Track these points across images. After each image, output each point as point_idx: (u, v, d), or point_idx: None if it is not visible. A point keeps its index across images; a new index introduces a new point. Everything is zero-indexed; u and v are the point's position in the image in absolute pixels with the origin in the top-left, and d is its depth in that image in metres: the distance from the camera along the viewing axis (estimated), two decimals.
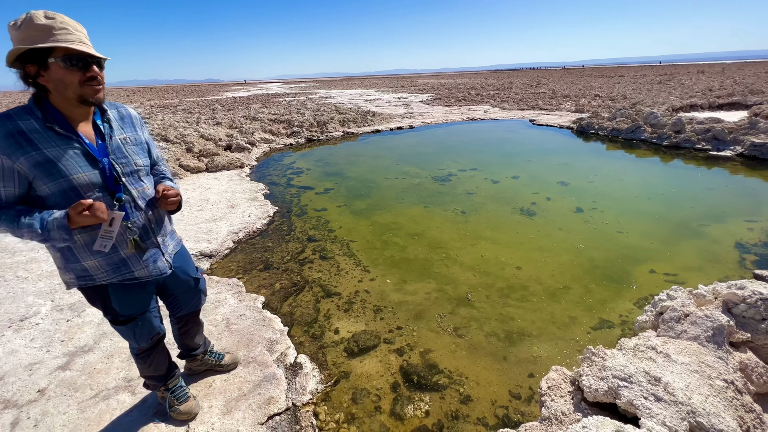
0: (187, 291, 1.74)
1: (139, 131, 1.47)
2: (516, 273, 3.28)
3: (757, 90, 14.88)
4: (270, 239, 4.12)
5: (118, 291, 1.43)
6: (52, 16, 1.11)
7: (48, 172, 1.17)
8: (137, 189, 1.38)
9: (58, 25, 1.11)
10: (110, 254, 1.33)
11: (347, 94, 30.14)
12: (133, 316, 1.50)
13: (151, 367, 1.71)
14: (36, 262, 3.54)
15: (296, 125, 11.15)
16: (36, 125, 1.16)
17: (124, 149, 1.36)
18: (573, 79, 34.65)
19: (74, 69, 1.14)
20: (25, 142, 1.14)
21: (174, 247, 1.62)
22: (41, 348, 2.40)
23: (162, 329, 1.67)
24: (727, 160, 6.75)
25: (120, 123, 1.39)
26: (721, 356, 1.48)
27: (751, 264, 3.27)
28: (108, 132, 1.33)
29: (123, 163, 1.34)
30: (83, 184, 1.22)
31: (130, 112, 1.46)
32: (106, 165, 1.28)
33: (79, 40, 1.15)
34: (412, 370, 2.25)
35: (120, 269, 1.38)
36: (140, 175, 1.40)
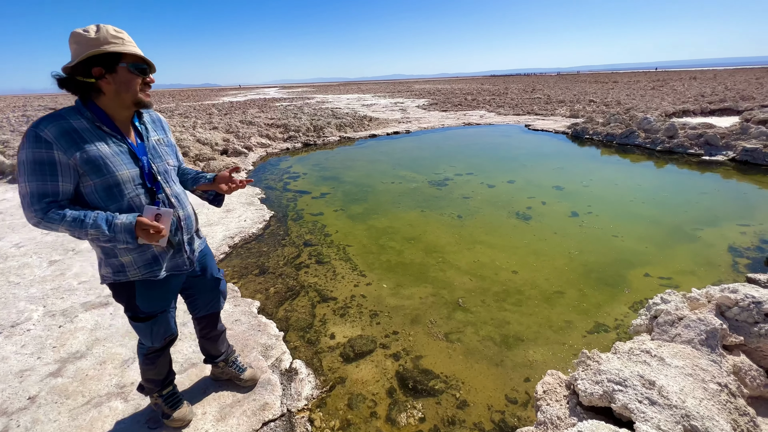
0: (207, 291, 1.77)
1: (168, 134, 1.57)
2: (512, 277, 3.29)
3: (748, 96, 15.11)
4: (266, 244, 4.10)
5: (144, 287, 1.47)
6: (119, 31, 1.24)
7: (96, 167, 1.24)
8: (170, 187, 1.46)
9: (127, 38, 1.25)
10: (144, 251, 1.39)
11: (344, 98, 30.24)
12: (154, 313, 1.54)
13: (155, 369, 1.73)
14: (28, 267, 3.51)
15: (293, 130, 11.16)
16: (86, 124, 1.24)
17: (158, 149, 1.46)
18: (568, 85, 35.00)
19: (137, 74, 1.27)
20: (79, 139, 1.21)
21: (199, 245, 1.68)
22: (32, 354, 2.36)
23: (176, 332, 1.70)
24: (720, 165, 6.83)
25: (153, 126, 1.49)
26: (715, 359, 1.49)
27: (743, 267, 3.30)
28: (145, 133, 1.42)
29: (158, 162, 1.43)
30: (126, 180, 1.30)
31: (159, 116, 1.57)
32: (145, 163, 1.37)
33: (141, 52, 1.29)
34: (408, 375, 2.24)
35: (151, 265, 1.43)
36: (171, 175, 1.50)
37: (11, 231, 4.41)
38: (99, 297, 2.99)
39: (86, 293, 3.05)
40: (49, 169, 1.18)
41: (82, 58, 1.18)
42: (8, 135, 10.61)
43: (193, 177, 1.66)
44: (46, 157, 1.17)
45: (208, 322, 1.88)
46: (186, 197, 1.59)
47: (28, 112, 20.91)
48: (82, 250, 3.86)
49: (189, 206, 1.58)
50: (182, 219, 1.51)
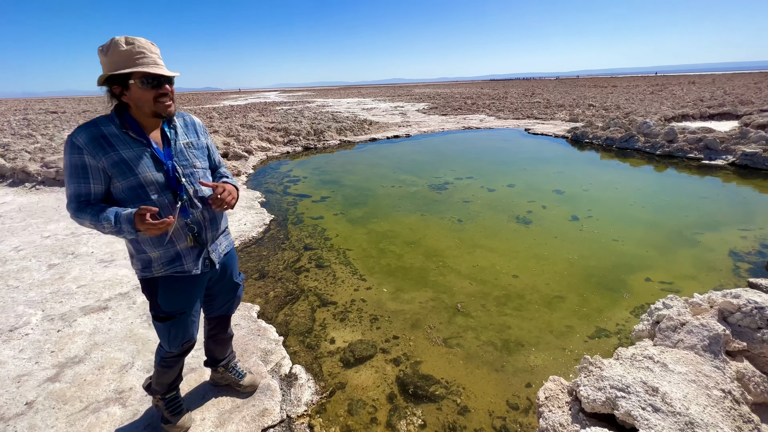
0: (225, 292, 1.80)
1: (202, 137, 1.62)
2: (512, 281, 3.28)
3: (746, 100, 15.17)
4: (266, 247, 4.09)
5: (166, 285, 1.52)
6: (131, 42, 1.27)
7: (122, 170, 1.33)
8: (195, 189, 1.50)
9: (137, 50, 1.28)
10: (168, 248, 1.46)
11: (344, 102, 30.35)
12: (173, 314, 1.56)
13: (168, 375, 1.75)
14: (27, 270, 3.50)
15: (293, 133, 11.19)
16: (115, 130, 1.34)
17: (186, 153, 1.50)
18: (567, 89, 35.15)
19: (149, 88, 1.31)
20: (106, 144, 1.31)
21: (225, 247, 1.72)
22: (30, 359, 2.35)
23: (194, 338, 1.71)
24: (720, 169, 6.84)
25: (185, 129, 1.55)
26: (718, 365, 1.48)
27: (745, 272, 3.29)
28: (173, 138, 1.48)
29: (184, 164, 1.48)
30: (149, 182, 1.37)
31: (194, 120, 1.63)
32: (169, 167, 1.43)
33: (154, 62, 1.31)
34: (408, 381, 2.22)
35: (174, 262, 1.49)
36: (198, 176, 1.53)
37: (11, 234, 4.40)
38: (98, 301, 2.98)
39: (85, 297, 3.04)
40: (82, 172, 1.31)
41: (99, 83, 1.33)
42: (9, 138, 10.63)
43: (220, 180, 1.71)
44: (78, 161, 1.30)
45: (218, 323, 1.89)
46: None
47: (29, 116, 20.97)
48: (81, 253, 3.85)
49: None
50: (206, 219, 1.55)
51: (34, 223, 4.74)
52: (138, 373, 2.22)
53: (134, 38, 1.29)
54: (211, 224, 1.58)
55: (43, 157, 7.54)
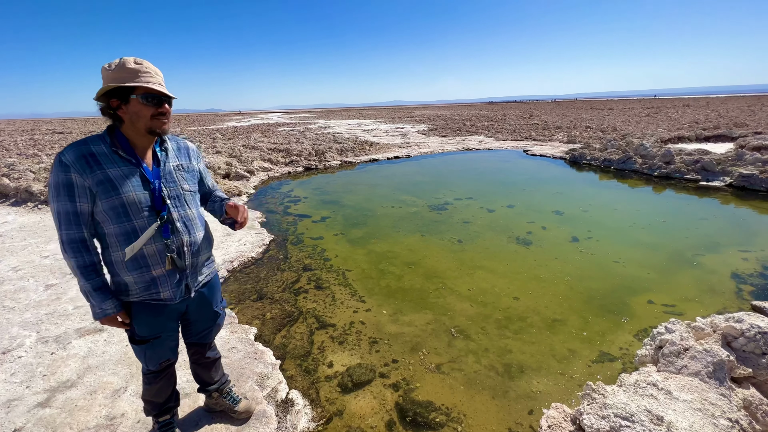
0: (204, 320, 1.74)
1: (194, 161, 1.63)
2: (513, 304, 3.25)
3: (741, 123, 15.43)
4: (265, 268, 4.07)
5: (141, 311, 1.49)
6: (139, 62, 1.32)
7: (106, 189, 1.32)
8: (179, 212, 1.49)
9: (144, 70, 1.32)
10: (143, 272, 1.42)
11: (345, 124, 30.89)
12: (147, 338, 1.54)
13: (153, 392, 1.71)
14: (24, 291, 3.47)
15: (295, 154, 11.34)
16: (104, 149, 1.34)
17: (174, 174, 1.50)
18: (564, 112, 35.82)
19: (149, 105, 1.33)
20: (93, 162, 1.31)
21: (206, 276, 1.68)
22: (22, 383, 2.30)
23: (173, 357, 1.68)
24: (718, 191, 6.88)
25: (176, 153, 1.55)
26: (724, 393, 1.45)
27: (748, 295, 3.26)
28: (163, 159, 1.48)
29: (171, 186, 1.47)
30: (131, 202, 1.36)
31: (188, 144, 1.64)
32: (156, 187, 1.42)
33: (158, 82, 1.35)
34: (407, 407, 2.16)
35: (149, 288, 1.46)
36: (185, 199, 1.52)
37: (9, 254, 4.39)
38: (94, 323, 2.94)
39: (81, 318, 3.00)
40: (67, 191, 1.30)
41: (98, 94, 1.32)
42: (14, 158, 10.78)
43: (220, 203, 1.71)
44: (64, 180, 1.29)
45: (197, 350, 1.84)
46: (199, 223, 1.58)
47: (36, 136, 21.33)
48: None
49: (200, 233, 1.57)
50: (186, 244, 1.50)
51: (34, 243, 4.75)
52: (131, 398, 2.17)
53: (142, 60, 1.33)
54: (193, 251, 1.54)
55: (47, 176, 7.62)
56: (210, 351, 1.88)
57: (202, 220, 1.62)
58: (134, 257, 1.39)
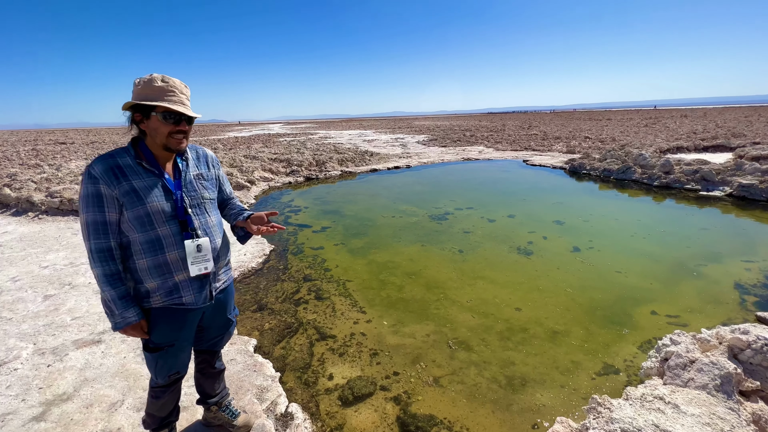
0: (217, 327, 1.76)
1: (212, 169, 1.68)
2: (515, 314, 3.21)
3: (739, 133, 15.53)
4: (265, 278, 4.05)
5: (160, 316, 1.51)
6: (166, 80, 1.38)
7: (132, 199, 1.37)
8: (200, 220, 1.54)
9: (169, 88, 1.38)
10: (167, 278, 1.46)
11: (346, 134, 31.12)
12: (162, 345, 1.55)
13: (158, 406, 1.70)
14: (22, 302, 3.44)
15: (295, 164, 11.39)
16: (130, 161, 1.40)
17: (195, 184, 1.56)
18: (563, 122, 36.10)
19: (167, 123, 1.38)
20: (120, 174, 1.37)
21: (224, 282, 1.70)
22: (17, 396, 2.26)
23: (183, 370, 1.68)
24: (718, 200, 6.89)
25: (196, 162, 1.61)
26: (732, 407, 1.42)
27: (752, 305, 3.23)
28: (184, 169, 1.54)
29: (192, 195, 1.53)
30: (156, 212, 1.41)
31: (206, 152, 1.69)
32: (178, 197, 1.48)
33: (180, 101, 1.40)
34: (409, 421, 2.12)
35: (172, 293, 1.49)
36: (206, 207, 1.58)
37: (9, 264, 4.37)
38: (92, 334, 2.91)
39: (79, 330, 2.97)
40: (97, 201, 1.35)
41: (123, 107, 1.40)
42: (16, 168, 10.83)
43: (236, 212, 1.74)
44: (94, 191, 1.34)
45: (205, 358, 1.83)
46: (219, 230, 1.64)
47: (39, 147, 21.47)
48: (79, 284, 3.81)
49: (219, 239, 1.63)
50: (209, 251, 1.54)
51: (34, 253, 4.73)
52: (127, 412, 2.13)
53: (170, 78, 1.40)
54: (214, 257, 1.58)
55: (48, 186, 7.65)
56: (218, 361, 1.88)
57: (221, 227, 1.68)
58: (158, 264, 1.43)
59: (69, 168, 10.77)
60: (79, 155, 15.61)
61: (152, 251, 1.42)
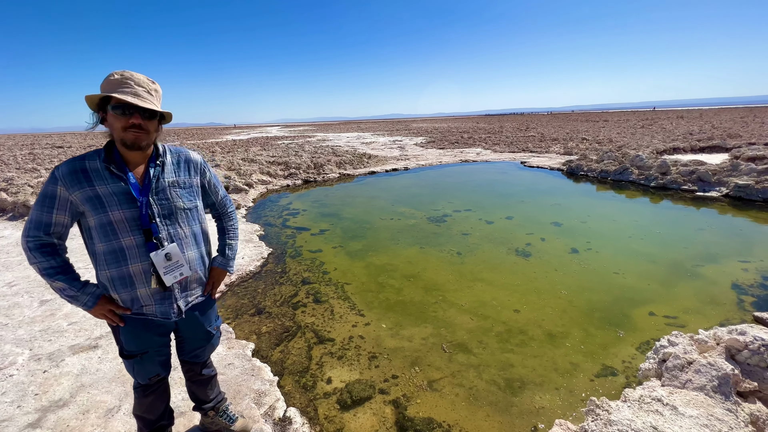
0: (196, 339, 1.69)
1: (194, 176, 1.56)
2: (514, 316, 3.21)
3: (734, 134, 15.63)
4: (263, 282, 4.04)
5: (129, 324, 1.47)
6: (124, 74, 1.29)
7: (94, 205, 1.31)
8: (169, 231, 1.43)
9: (125, 80, 1.28)
10: (130, 291, 1.40)
11: (344, 137, 31.15)
12: (136, 353, 1.52)
13: (144, 406, 1.68)
14: (18, 307, 3.42)
15: (293, 167, 11.38)
16: (98, 165, 1.32)
17: (168, 191, 1.44)
18: (560, 124, 36.25)
19: (120, 116, 1.28)
20: (84, 178, 1.30)
21: (198, 297, 1.61)
22: (12, 402, 2.24)
23: (164, 372, 1.64)
24: (714, 201, 6.92)
25: (174, 167, 1.49)
26: (730, 408, 1.42)
27: (749, 305, 3.24)
28: (157, 174, 1.42)
29: (163, 204, 1.42)
30: (118, 220, 1.33)
31: (190, 158, 1.56)
32: (143, 203, 1.37)
33: (134, 92, 1.28)
34: (408, 425, 2.12)
35: (134, 303, 1.43)
36: (178, 217, 1.46)
37: (5, 269, 4.35)
38: (88, 339, 2.89)
39: (75, 335, 2.95)
40: (49, 201, 1.30)
41: (87, 102, 1.31)
42: (13, 172, 10.78)
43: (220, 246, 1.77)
44: (50, 191, 1.30)
45: (190, 367, 1.80)
46: (192, 241, 1.52)
47: (36, 150, 21.40)
48: None
49: (192, 252, 1.52)
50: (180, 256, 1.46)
51: None
52: (124, 417, 2.11)
53: (129, 72, 1.31)
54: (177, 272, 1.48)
55: None
56: (205, 368, 1.84)
57: (200, 238, 1.57)
58: (122, 275, 1.37)
59: None
60: None
61: (116, 262, 1.35)
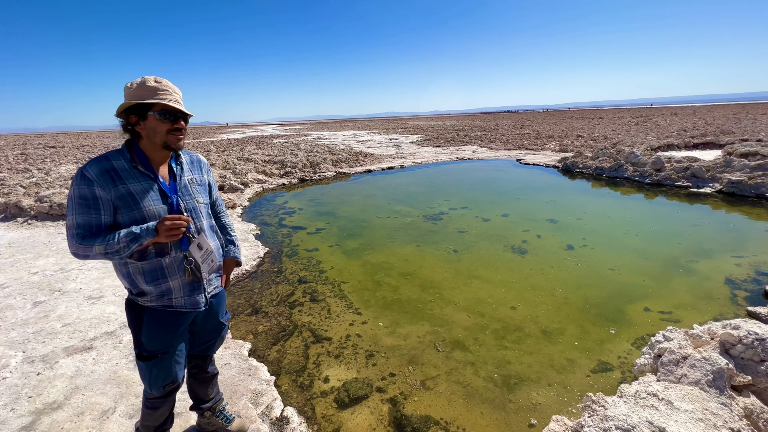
0: (209, 331, 1.74)
1: (204, 174, 1.69)
2: (510, 313, 3.22)
3: (728, 130, 15.76)
4: (259, 281, 4.02)
5: (153, 318, 1.49)
6: (159, 80, 1.38)
7: (127, 203, 1.36)
8: (196, 224, 1.54)
9: (162, 88, 1.38)
10: (160, 283, 1.44)
11: (340, 135, 31.06)
12: (156, 353, 1.52)
13: (153, 418, 1.68)
14: (11, 309, 3.38)
15: (289, 166, 11.34)
16: (125, 164, 1.39)
17: (190, 188, 1.56)
18: (555, 121, 36.39)
19: (165, 121, 1.38)
20: (116, 177, 1.35)
21: (216, 287, 1.69)
22: (6, 405, 2.22)
23: (178, 379, 1.63)
24: (708, 197, 6.98)
25: (190, 166, 1.61)
26: (725, 402, 1.43)
27: (743, 300, 3.27)
28: (179, 173, 1.54)
29: (187, 199, 1.53)
30: (152, 216, 1.40)
31: (200, 158, 1.70)
32: (174, 201, 1.47)
33: (175, 100, 1.40)
34: (406, 422, 2.12)
35: (164, 296, 1.48)
36: (200, 211, 1.58)
37: None
38: (83, 341, 2.86)
39: (69, 337, 2.92)
40: (93, 203, 1.32)
41: (119, 110, 1.38)
42: (5, 173, 10.66)
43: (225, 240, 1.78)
44: (89, 193, 1.32)
45: (198, 362, 1.81)
46: (213, 233, 1.65)
47: (28, 151, 21.15)
48: (69, 290, 3.75)
49: (214, 242, 1.63)
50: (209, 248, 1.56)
51: (23, 259, 4.65)
52: (120, 419, 2.10)
53: (162, 78, 1.40)
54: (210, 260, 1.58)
55: (37, 191, 7.53)
56: (210, 366, 1.86)
57: (216, 230, 1.70)
58: (152, 268, 1.42)
59: (59, 172, 10.62)
60: (69, 159, 15.40)
61: (146, 255, 1.41)
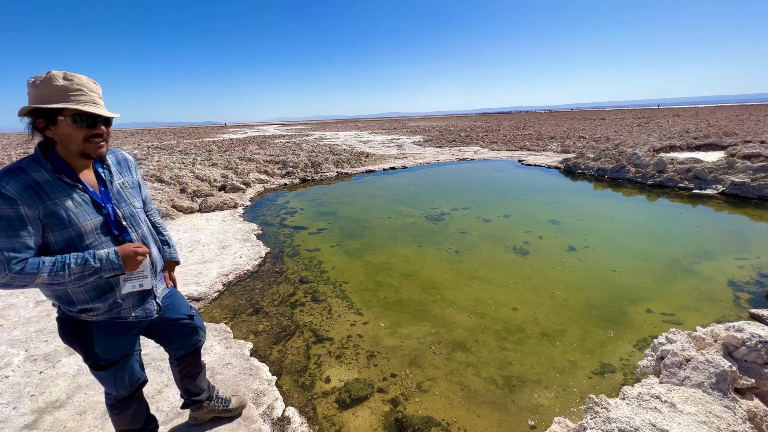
0: (182, 328, 1.68)
1: (134, 174, 1.54)
2: (512, 314, 3.22)
3: (730, 132, 15.71)
4: (261, 281, 4.03)
5: (104, 331, 1.38)
6: (70, 78, 1.18)
7: (59, 220, 1.20)
8: (137, 232, 1.42)
9: (74, 87, 1.18)
10: (108, 297, 1.33)
11: (341, 135, 31.08)
12: (116, 360, 1.45)
13: (127, 420, 1.61)
14: (14, 307, 3.39)
15: (291, 166, 11.35)
16: (47, 176, 1.20)
17: (123, 193, 1.41)
18: (557, 122, 36.32)
19: (81, 127, 1.20)
20: (41, 192, 1.18)
21: (163, 289, 1.61)
22: (8, 404, 2.22)
23: (143, 376, 1.61)
24: (710, 198, 6.95)
25: (118, 168, 1.45)
26: (728, 405, 1.43)
27: (746, 302, 3.26)
28: (109, 178, 1.38)
29: (123, 207, 1.39)
30: (88, 231, 1.26)
31: (126, 156, 1.53)
32: (110, 211, 1.33)
33: (92, 100, 1.21)
34: (407, 423, 2.11)
35: (112, 310, 1.37)
36: (139, 217, 1.45)
37: None
38: None
39: None
40: (20, 225, 1.14)
41: (20, 114, 1.18)
42: None
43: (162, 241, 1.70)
44: (12, 213, 1.13)
45: (190, 361, 1.77)
46: (153, 238, 1.55)
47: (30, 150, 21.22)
48: None
49: (155, 247, 1.53)
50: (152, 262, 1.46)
51: None
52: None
53: (74, 75, 1.20)
54: (155, 269, 1.50)
55: None
56: (200, 360, 1.85)
57: (154, 234, 1.59)
58: (97, 285, 1.30)
59: None
60: None
61: None
